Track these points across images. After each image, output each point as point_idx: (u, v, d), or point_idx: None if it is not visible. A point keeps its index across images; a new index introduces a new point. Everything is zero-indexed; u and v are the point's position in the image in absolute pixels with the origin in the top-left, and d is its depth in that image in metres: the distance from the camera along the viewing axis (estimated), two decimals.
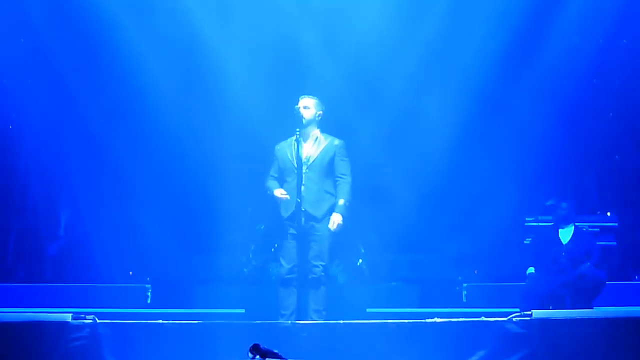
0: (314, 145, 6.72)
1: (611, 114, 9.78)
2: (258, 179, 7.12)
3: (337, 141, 6.81)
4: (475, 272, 9.25)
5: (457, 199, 9.45)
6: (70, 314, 5.43)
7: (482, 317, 5.69)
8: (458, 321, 5.61)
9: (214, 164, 9.44)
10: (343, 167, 6.75)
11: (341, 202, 6.64)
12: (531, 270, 7.80)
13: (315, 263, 6.60)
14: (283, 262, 6.69)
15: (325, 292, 6.61)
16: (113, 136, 9.46)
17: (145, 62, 9.22)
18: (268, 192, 6.83)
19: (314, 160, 6.69)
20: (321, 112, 6.82)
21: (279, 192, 6.68)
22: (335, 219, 6.59)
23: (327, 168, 6.72)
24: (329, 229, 6.61)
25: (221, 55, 9.11)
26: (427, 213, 9.47)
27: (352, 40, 9.09)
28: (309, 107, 6.76)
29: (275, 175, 6.83)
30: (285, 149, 6.81)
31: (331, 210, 6.64)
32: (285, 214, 6.68)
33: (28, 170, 9.85)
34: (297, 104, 6.77)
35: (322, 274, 6.61)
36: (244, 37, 9.16)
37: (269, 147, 7.03)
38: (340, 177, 6.73)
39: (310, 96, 6.85)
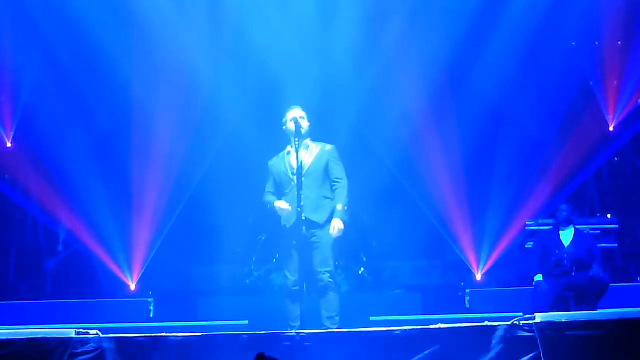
0: (307, 154, 6.70)
1: (609, 115, 9.80)
2: (257, 190, 7.11)
3: (328, 146, 6.80)
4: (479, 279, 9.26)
5: (458, 205, 9.46)
6: (74, 329, 5.42)
7: (486, 322, 5.68)
8: (462, 327, 5.59)
9: (213, 176, 9.47)
10: (338, 171, 6.73)
11: (340, 207, 6.61)
12: (539, 277, 7.78)
13: (321, 270, 6.56)
14: (288, 274, 6.64)
15: (335, 298, 6.57)
16: (112, 150, 9.52)
17: (144, 83, 9.34)
18: (268, 206, 6.78)
19: (309, 168, 6.66)
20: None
21: (280, 204, 6.64)
22: (336, 225, 6.56)
23: (323, 174, 6.70)
24: (331, 235, 6.59)
25: (225, 79, 9.33)
26: (428, 220, 9.48)
27: (324, 55, 9.27)
28: (304, 117, 6.77)
29: (272, 191, 6.80)
30: (278, 163, 6.81)
31: (332, 216, 6.62)
32: (287, 224, 6.65)
33: (27, 186, 9.86)
34: (290, 115, 6.71)
35: (330, 280, 6.58)
36: (232, 69, 9.38)
37: (265, 157, 7.02)
38: (337, 182, 6.71)
39: (299, 107, 6.83)
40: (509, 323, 5.50)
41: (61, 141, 9.52)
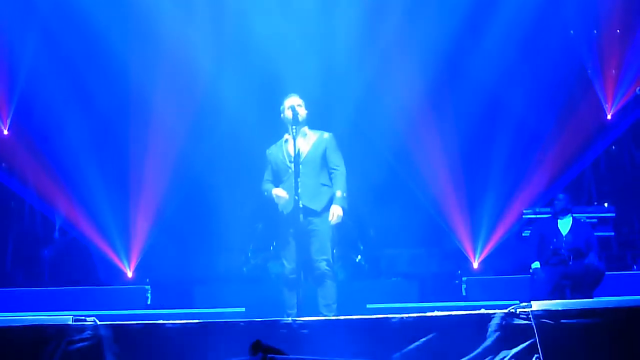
0: (304, 141, 6.70)
1: (606, 104, 9.80)
2: (255, 178, 7.11)
3: (326, 134, 6.79)
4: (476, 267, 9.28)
5: (455, 193, 9.47)
6: (71, 317, 5.41)
7: (482, 310, 5.68)
8: (459, 314, 5.59)
9: (211, 164, 9.48)
10: (336, 159, 6.73)
11: (339, 193, 6.60)
12: (536, 264, 7.81)
13: (318, 258, 6.56)
14: (285, 262, 6.65)
15: (333, 286, 6.57)
16: (109, 137, 9.52)
17: (144, 70, 9.34)
18: (265, 193, 6.79)
19: (306, 155, 6.65)
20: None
21: (278, 192, 6.65)
22: (335, 211, 6.56)
23: (321, 161, 6.69)
24: (329, 223, 6.58)
25: (220, 68, 9.37)
26: (425, 208, 9.49)
27: (324, 46, 9.33)
28: (301, 105, 6.76)
29: (270, 179, 6.81)
30: (276, 152, 6.81)
31: (330, 203, 6.62)
32: (285, 211, 6.64)
33: (24, 173, 9.84)
34: (288, 103, 6.71)
35: (327, 268, 6.57)
36: (232, 58, 9.42)
37: (263, 146, 7.03)
38: (334, 169, 6.70)
39: (297, 95, 6.82)
40: (505, 311, 5.51)
41: (59, 128, 9.52)
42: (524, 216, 8.96)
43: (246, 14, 9.31)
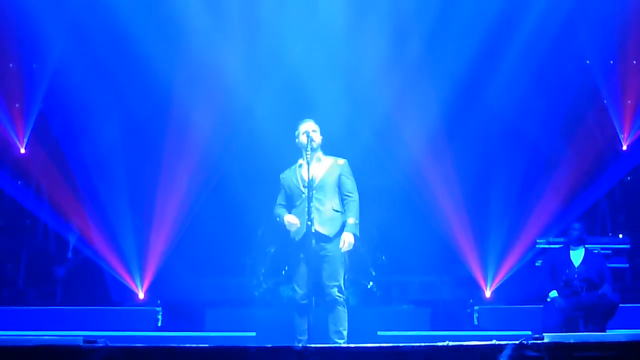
0: (318, 167, 6.72)
1: (622, 134, 9.78)
2: (267, 202, 7.13)
3: (340, 160, 6.81)
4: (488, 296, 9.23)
5: (468, 221, 9.45)
6: (82, 338, 5.41)
7: (494, 341, 5.64)
8: (469, 345, 5.55)
9: (223, 188, 9.50)
10: (349, 186, 6.73)
11: (351, 220, 6.61)
12: (554, 293, 7.73)
13: (329, 284, 6.54)
14: (297, 287, 6.63)
15: (344, 312, 6.55)
16: (125, 157, 9.56)
17: (166, 94, 9.41)
18: (278, 219, 6.80)
19: (320, 181, 6.66)
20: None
21: (289, 219, 6.67)
22: (346, 239, 6.56)
23: (334, 187, 6.70)
24: (340, 249, 6.59)
25: (232, 95, 9.41)
26: (437, 235, 9.47)
27: (348, 71, 9.42)
28: (316, 130, 6.79)
29: (283, 203, 6.82)
30: (290, 176, 6.82)
31: (342, 230, 6.62)
32: (297, 237, 6.67)
33: (40, 191, 9.91)
34: (303, 129, 6.74)
35: (339, 294, 6.56)
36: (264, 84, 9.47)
37: (277, 170, 7.05)
38: (348, 196, 6.71)
39: (312, 120, 6.86)
40: (516, 342, 5.46)
41: (75, 147, 9.59)
42: (537, 245, 8.90)
43: (278, 39, 9.39)
